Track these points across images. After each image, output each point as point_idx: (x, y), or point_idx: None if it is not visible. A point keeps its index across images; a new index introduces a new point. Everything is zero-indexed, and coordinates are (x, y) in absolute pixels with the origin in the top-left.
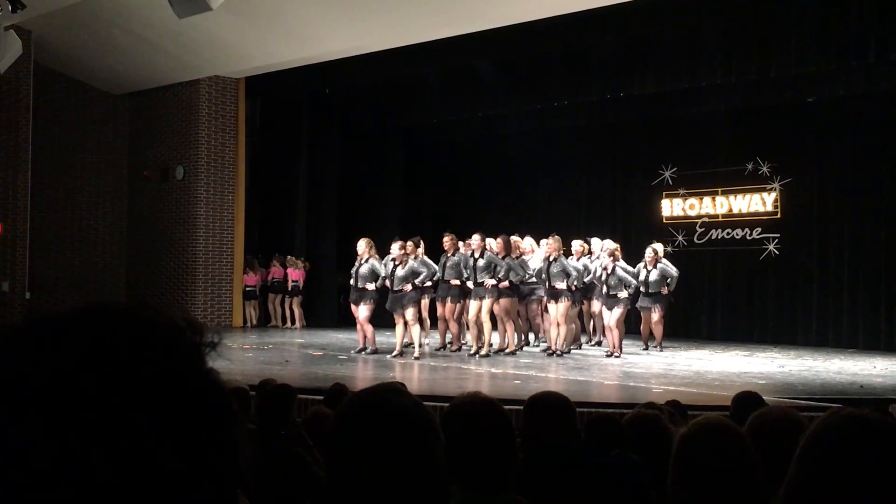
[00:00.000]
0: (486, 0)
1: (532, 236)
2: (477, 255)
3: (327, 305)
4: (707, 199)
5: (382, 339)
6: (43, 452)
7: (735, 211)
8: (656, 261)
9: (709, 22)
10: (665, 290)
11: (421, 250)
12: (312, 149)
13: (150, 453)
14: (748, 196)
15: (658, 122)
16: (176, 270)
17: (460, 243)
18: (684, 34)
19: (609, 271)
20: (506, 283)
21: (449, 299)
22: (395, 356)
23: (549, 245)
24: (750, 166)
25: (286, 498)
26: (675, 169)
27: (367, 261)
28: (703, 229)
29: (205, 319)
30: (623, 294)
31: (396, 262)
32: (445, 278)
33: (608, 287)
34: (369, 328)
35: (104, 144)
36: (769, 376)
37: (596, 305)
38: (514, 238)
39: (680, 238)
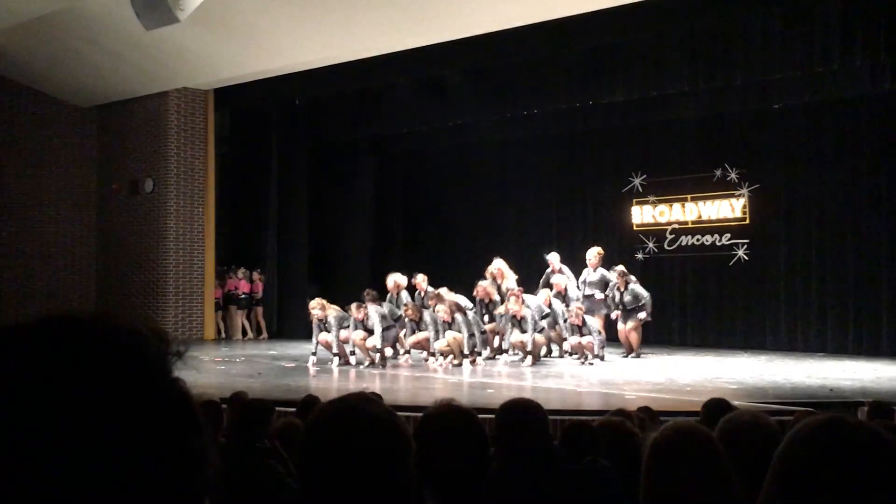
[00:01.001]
0: (455, 10)
1: (503, 249)
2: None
3: (298, 316)
4: (677, 206)
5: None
6: (2, 460)
7: (704, 217)
8: (626, 282)
9: (674, 30)
10: (643, 316)
11: (373, 308)
12: (282, 160)
13: (112, 462)
14: (717, 202)
15: (627, 129)
16: (146, 283)
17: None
18: (650, 42)
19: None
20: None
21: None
22: (367, 366)
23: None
24: (718, 173)
25: None
26: (644, 176)
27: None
28: (673, 236)
29: (176, 332)
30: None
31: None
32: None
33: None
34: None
35: (72, 157)
36: (740, 381)
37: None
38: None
39: (650, 245)
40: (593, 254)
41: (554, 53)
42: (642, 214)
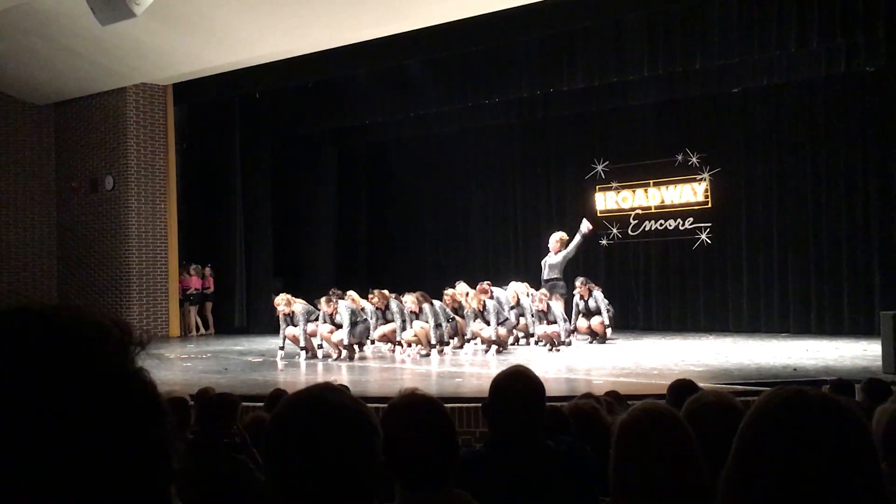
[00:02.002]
0: (414, 0)
1: (467, 239)
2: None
3: (265, 311)
4: (640, 192)
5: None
6: None
7: (667, 202)
8: (589, 290)
9: (632, 16)
10: (603, 327)
11: (343, 304)
12: (245, 154)
13: (74, 450)
14: (679, 187)
15: (588, 116)
16: (109, 282)
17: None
18: (609, 29)
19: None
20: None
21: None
22: (335, 359)
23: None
24: (680, 158)
25: None
26: (606, 162)
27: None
28: (636, 221)
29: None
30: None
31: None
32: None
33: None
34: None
35: (29, 156)
36: (706, 363)
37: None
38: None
39: (615, 231)
40: (555, 239)
41: (513, 41)
42: (605, 201)
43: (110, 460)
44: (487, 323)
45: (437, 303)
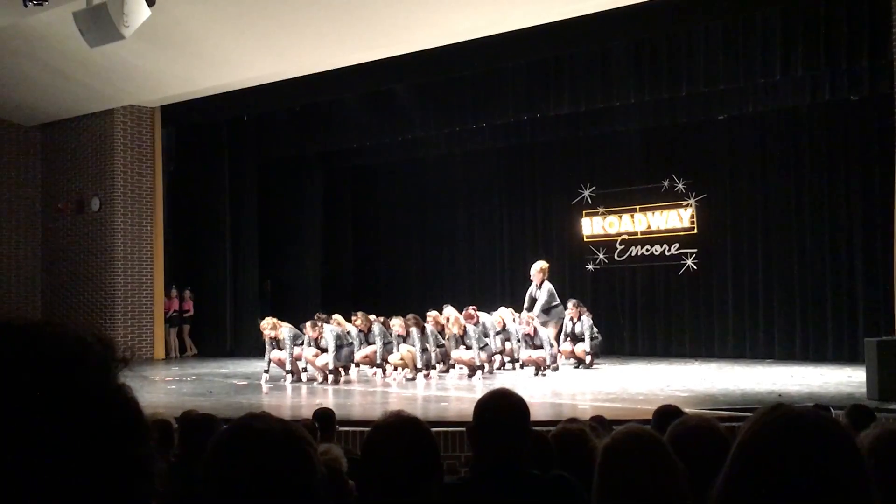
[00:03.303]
0: (401, 25)
1: (453, 263)
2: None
3: (250, 335)
4: (626, 217)
5: None
6: None
7: (653, 228)
8: (580, 313)
9: (619, 43)
10: (585, 354)
11: (328, 328)
12: (232, 176)
13: (54, 467)
14: (665, 213)
15: (575, 142)
16: (95, 303)
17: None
18: (596, 55)
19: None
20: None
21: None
22: (320, 382)
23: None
24: (666, 183)
25: None
26: (593, 188)
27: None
28: (622, 246)
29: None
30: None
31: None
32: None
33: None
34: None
35: (15, 177)
36: (691, 389)
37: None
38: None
39: (601, 256)
40: (536, 269)
41: (501, 67)
42: (592, 226)
43: (90, 476)
44: (469, 348)
45: (428, 327)
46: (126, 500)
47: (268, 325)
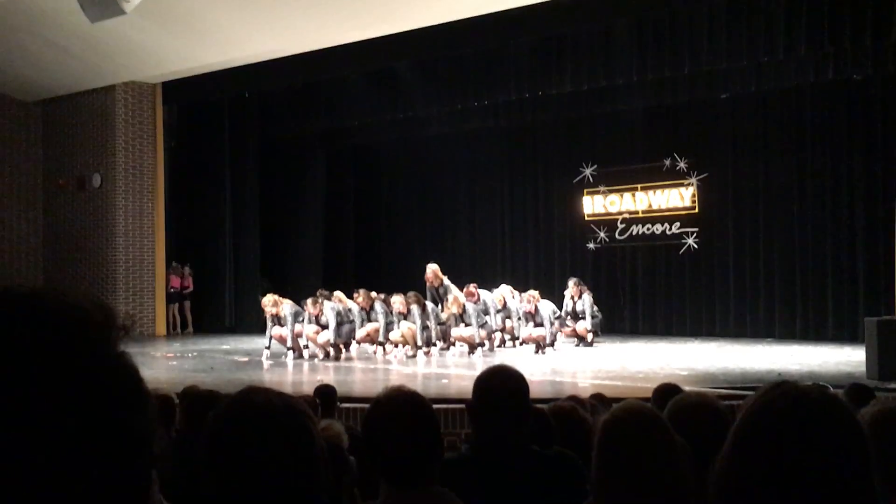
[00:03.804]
0: (404, 2)
1: (455, 241)
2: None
3: (251, 311)
4: (627, 196)
5: None
6: None
7: (654, 207)
8: (580, 292)
9: (622, 21)
10: (586, 332)
11: (328, 305)
12: (233, 154)
13: (53, 432)
14: (667, 192)
15: (577, 120)
16: (95, 279)
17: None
18: (598, 33)
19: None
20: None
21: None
22: (321, 359)
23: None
24: (668, 162)
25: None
26: (595, 167)
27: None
28: (623, 225)
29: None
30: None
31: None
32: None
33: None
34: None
35: (16, 153)
36: (691, 367)
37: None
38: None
39: (602, 234)
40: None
41: (503, 45)
42: (593, 204)
43: (89, 442)
44: (469, 325)
45: (430, 305)
46: (125, 466)
47: (269, 301)
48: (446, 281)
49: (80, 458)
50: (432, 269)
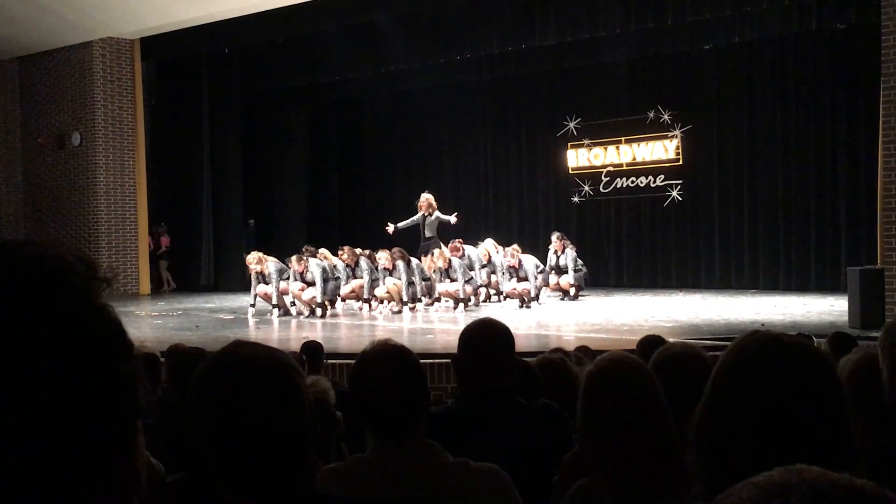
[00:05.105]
0: None
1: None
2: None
3: (234, 269)
4: (611, 149)
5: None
6: None
7: (639, 159)
8: (563, 246)
9: None
10: (570, 286)
11: (314, 262)
12: (214, 110)
13: (38, 382)
14: (651, 144)
15: (560, 73)
16: (77, 239)
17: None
18: None
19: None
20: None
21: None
22: (307, 316)
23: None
24: (651, 115)
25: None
26: (578, 120)
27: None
28: (608, 178)
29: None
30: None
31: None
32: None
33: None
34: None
35: None
36: (675, 319)
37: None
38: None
39: (586, 188)
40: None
41: None
42: (577, 158)
43: (74, 392)
44: (454, 281)
45: (414, 261)
46: (112, 417)
47: (253, 259)
48: (438, 213)
49: (65, 407)
50: (426, 197)
